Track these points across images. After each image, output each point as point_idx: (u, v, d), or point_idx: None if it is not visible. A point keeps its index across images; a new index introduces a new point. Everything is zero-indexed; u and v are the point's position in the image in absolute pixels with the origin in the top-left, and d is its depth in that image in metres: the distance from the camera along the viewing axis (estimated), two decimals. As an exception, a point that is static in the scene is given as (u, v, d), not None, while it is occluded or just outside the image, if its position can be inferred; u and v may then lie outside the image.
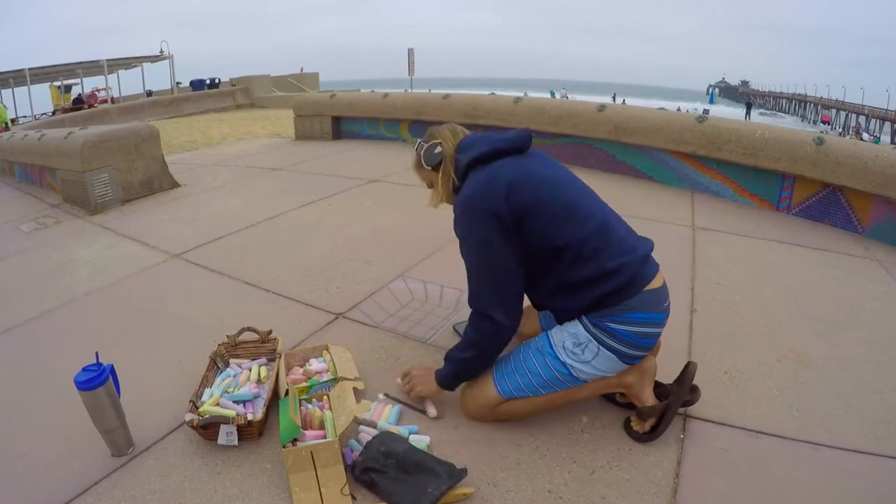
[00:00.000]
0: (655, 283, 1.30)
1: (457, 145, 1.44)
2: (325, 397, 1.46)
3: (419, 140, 1.51)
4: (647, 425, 1.36)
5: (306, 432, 1.31)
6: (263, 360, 1.64)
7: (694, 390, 1.39)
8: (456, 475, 1.20)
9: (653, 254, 1.37)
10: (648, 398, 1.37)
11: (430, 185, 1.52)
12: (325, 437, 1.29)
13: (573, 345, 1.30)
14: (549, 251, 1.29)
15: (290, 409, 1.30)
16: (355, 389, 1.51)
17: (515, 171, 1.32)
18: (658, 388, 1.42)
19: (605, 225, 1.31)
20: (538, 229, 1.28)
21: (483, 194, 1.30)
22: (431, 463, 1.23)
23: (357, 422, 1.40)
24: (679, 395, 1.35)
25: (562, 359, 1.30)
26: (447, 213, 1.46)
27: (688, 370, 1.36)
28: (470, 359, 1.38)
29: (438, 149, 1.44)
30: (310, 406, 1.42)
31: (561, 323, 1.37)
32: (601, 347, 1.28)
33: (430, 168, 1.47)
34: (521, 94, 4.90)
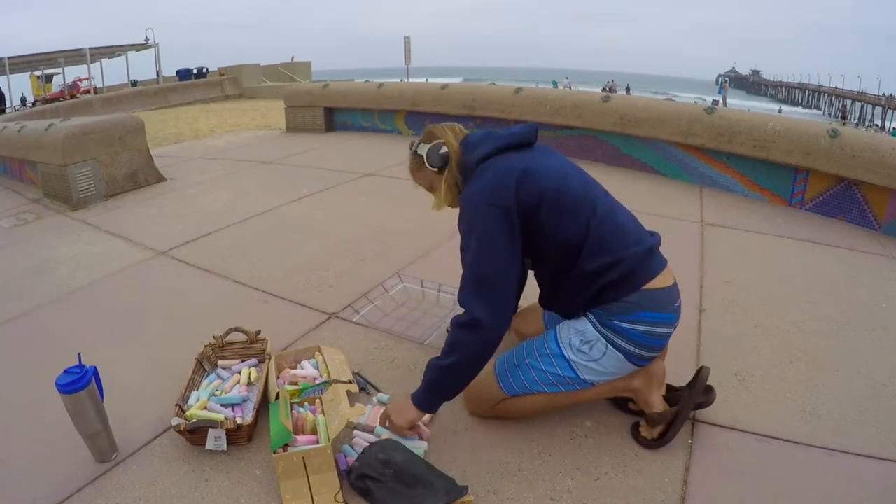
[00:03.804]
0: (664, 282, 1.25)
1: (460, 144, 1.36)
2: (317, 401, 1.41)
3: (415, 140, 1.42)
4: (656, 431, 1.32)
5: (298, 437, 1.27)
6: (253, 361, 1.59)
7: (709, 391, 1.35)
8: (455, 492, 1.15)
9: (661, 250, 1.32)
10: (657, 404, 1.32)
11: (430, 188, 1.44)
12: (317, 443, 1.25)
13: (580, 342, 1.26)
14: (561, 244, 1.25)
15: (281, 413, 1.26)
16: (349, 393, 1.46)
17: (525, 165, 1.26)
18: (670, 392, 1.38)
19: (612, 216, 1.28)
20: (550, 222, 1.23)
21: (492, 187, 1.24)
22: (431, 477, 1.18)
23: (351, 426, 1.36)
24: (690, 400, 1.31)
25: (567, 356, 1.26)
26: (446, 210, 1.41)
27: (700, 375, 1.32)
28: (452, 365, 1.22)
29: (445, 149, 1.35)
30: (301, 410, 1.37)
31: (568, 318, 1.32)
32: (609, 346, 1.23)
33: (435, 169, 1.36)
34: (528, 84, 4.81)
